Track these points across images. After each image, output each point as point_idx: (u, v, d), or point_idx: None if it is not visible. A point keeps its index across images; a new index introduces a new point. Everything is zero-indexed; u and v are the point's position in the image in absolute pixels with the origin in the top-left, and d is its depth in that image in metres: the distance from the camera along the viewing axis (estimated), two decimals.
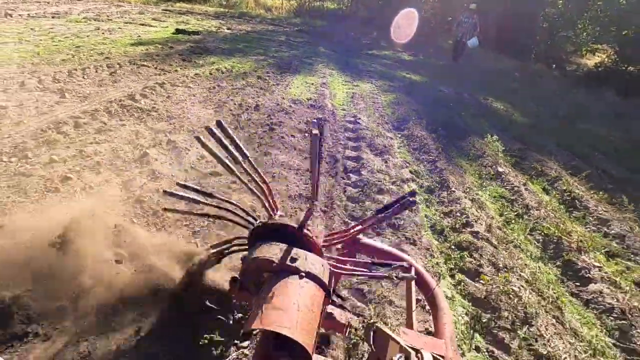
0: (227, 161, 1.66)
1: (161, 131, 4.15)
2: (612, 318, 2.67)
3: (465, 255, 3.03)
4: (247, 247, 1.70)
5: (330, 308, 1.43)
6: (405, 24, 12.44)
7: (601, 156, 6.52)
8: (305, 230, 1.48)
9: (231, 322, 2.01)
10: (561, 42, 18.43)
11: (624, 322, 2.61)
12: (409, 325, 1.53)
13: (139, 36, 8.74)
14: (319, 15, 18.45)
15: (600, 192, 4.66)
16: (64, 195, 2.84)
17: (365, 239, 1.82)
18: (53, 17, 9.40)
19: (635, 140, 8.00)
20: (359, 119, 5.71)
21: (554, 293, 2.81)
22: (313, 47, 11.77)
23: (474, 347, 2.30)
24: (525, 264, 3.08)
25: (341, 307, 1.68)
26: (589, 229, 3.89)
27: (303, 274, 1.28)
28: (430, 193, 4.06)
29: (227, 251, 1.90)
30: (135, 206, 2.85)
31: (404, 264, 1.66)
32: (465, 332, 2.39)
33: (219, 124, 1.63)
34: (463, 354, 2.21)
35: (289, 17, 17.90)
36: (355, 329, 1.37)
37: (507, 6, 16.64)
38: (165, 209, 1.91)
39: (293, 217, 3.15)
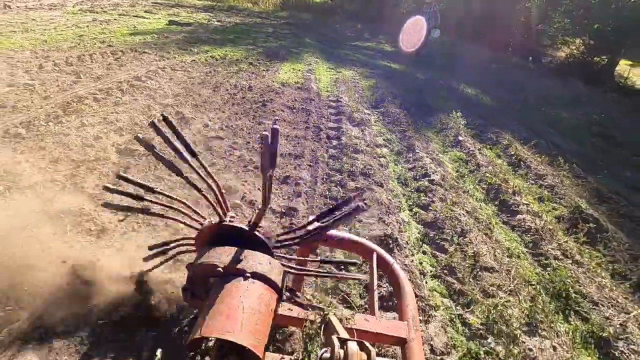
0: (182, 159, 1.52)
1: (169, 105, 4.83)
2: (529, 235, 3.50)
3: (422, 196, 3.83)
4: (194, 248, 1.65)
5: (286, 304, 1.41)
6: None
7: (554, 132, 7.43)
8: (255, 232, 1.45)
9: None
10: (537, 36, 19.47)
11: (537, 237, 3.45)
12: (371, 311, 1.51)
13: (135, 27, 9.27)
14: (305, 8, 19.04)
15: (543, 156, 5.53)
16: (98, 150, 3.52)
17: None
18: (50, 9, 9.82)
19: (589, 121, 8.95)
20: (341, 98, 6.46)
21: (487, 220, 3.64)
22: (299, 38, 12.42)
23: (422, 252, 3.09)
24: (469, 202, 3.90)
25: (296, 302, 1.62)
26: (528, 182, 4.74)
27: (248, 275, 1.26)
28: (399, 155, 4.86)
29: (172, 252, 1.79)
30: (151, 164, 3.54)
31: (358, 262, 1.69)
32: (416, 243, 3.18)
33: (164, 118, 1.49)
34: (412, 255, 3.00)
35: (275, 10, 18.45)
36: (312, 322, 1.30)
37: (486, 0, 17.55)
38: (105, 204, 1.64)
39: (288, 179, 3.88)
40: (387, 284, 2.48)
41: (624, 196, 4.84)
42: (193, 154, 1.53)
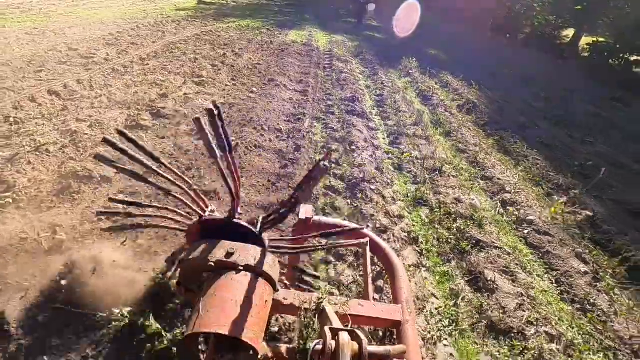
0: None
1: (225, 48, 7.75)
2: (432, 106, 6.49)
3: (377, 90, 6.81)
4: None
5: (282, 293, 1.41)
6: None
7: (486, 77, 10.32)
8: (235, 220, 1.46)
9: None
10: (516, 16, 22.02)
11: (436, 106, 6.43)
12: (366, 295, 1.52)
13: (176, 5, 12.09)
14: None
15: (464, 82, 8.48)
16: (199, 64, 6.45)
17: (316, 218, 1.78)
18: None
19: (521, 73, 11.76)
20: (333, 50, 9.39)
21: (412, 101, 6.62)
22: (301, 15, 15.23)
23: (372, 108, 6.07)
24: (405, 96, 6.87)
25: (299, 288, 1.69)
26: (447, 93, 7.70)
27: (241, 268, 1.27)
28: (368, 78, 7.82)
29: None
30: (230, 69, 6.49)
31: (360, 227, 1.72)
32: (371, 105, 6.16)
33: (119, 132, 1.48)
34: (368, 108, 5.96)
35: None
36: (307, 310, 1.27)
37: None
38: (104, 229, 1.75)
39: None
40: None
41: (508, 101, 7.80)
42: (157, 160, 1.52)
